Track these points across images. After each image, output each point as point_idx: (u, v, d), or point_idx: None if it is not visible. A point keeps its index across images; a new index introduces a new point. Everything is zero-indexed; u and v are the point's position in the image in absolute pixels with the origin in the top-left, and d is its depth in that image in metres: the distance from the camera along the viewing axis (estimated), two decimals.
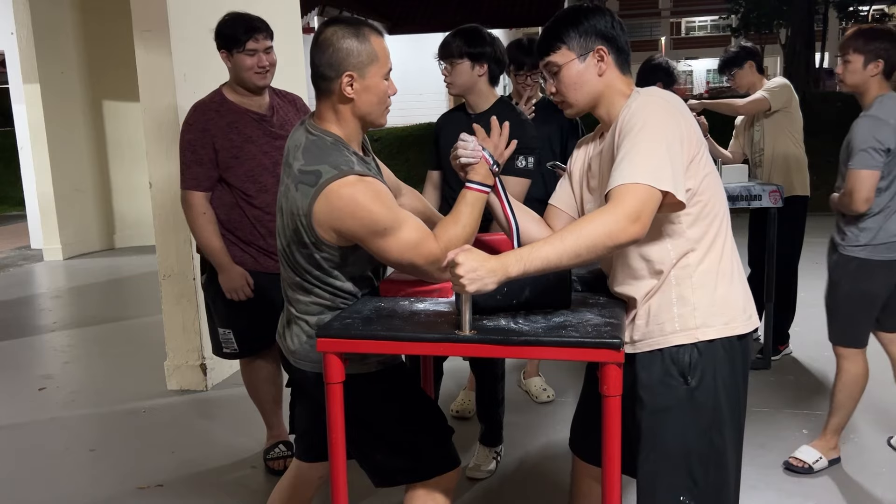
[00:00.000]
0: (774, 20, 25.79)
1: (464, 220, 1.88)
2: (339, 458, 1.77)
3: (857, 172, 2.81)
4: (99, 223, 8.64)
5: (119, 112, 8.61)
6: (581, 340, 1.59)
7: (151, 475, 3.24)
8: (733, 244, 1.88)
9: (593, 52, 1.81)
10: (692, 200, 1.75)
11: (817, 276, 5.97)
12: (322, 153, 1.83)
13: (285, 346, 2.04)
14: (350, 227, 1.79)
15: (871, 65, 2.85)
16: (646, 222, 1.62)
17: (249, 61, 2.93)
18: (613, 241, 1.60)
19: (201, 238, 3.02)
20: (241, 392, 3.47)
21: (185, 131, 3.02)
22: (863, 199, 2.82)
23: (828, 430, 3.07)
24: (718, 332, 1.80)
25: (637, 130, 1.68)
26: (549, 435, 3.43)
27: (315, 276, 1.90)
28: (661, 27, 46.62)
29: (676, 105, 1.76)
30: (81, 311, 6.16)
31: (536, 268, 1.60)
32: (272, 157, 3.03)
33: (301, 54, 5.14)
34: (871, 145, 2.79)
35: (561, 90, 1.86)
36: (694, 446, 1.80)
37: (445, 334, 1.66)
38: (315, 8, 15.02)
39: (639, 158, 1.64)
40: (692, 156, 1.73)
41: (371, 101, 1.88)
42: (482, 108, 2.93)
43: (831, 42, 30.49)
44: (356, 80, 1.83)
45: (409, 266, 1.85)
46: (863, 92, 2.91)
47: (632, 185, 1.62)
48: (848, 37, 2.95)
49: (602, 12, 1.84)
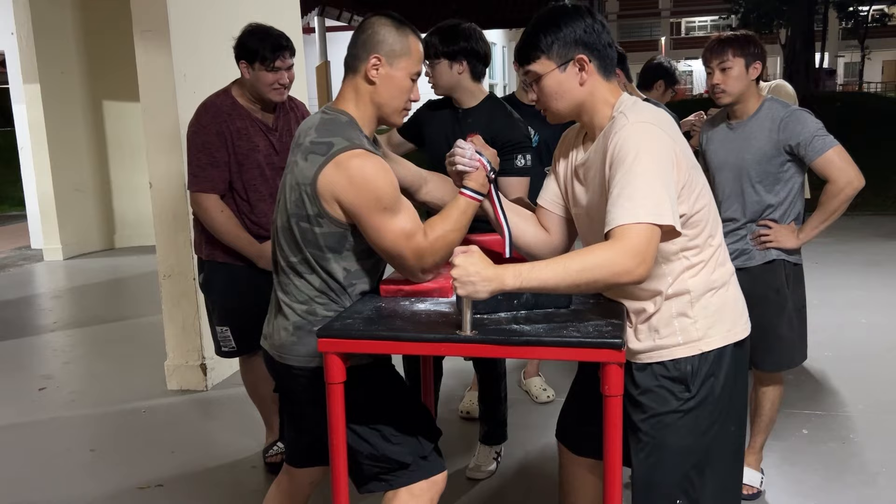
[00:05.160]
0: (774, 20, 25.78)
1: (453, 224, 1.88)
2: (340, 459, 1.77)
3: (831, 152, 2.59)
4: (99, 223, 8.63)
5: (119, 112, 8.60)
6: (582, 340, 1.59)
7: (151, 475, 3.24)
8: (725, 248, 1.88)
9: (573, 62, 1.75)
10: (686, 223, 1.73)
11: (817, 277, 6.00)
12: (336, 128, 1.86)
13: (271, 342, 2.02)
14: (353, 199, 1.80)
15: (751, 68, 2.67)
16: (650, 263, 1.60)
17: (271, 78, 2.92)
18: (616, 280, 1.59)
19: (227, 235, 3.00)
20: (241, 392, 3.47)
21: (198, 133, 2.99)
22: (855, 171, 2.62)
23: (757, 447, 2.94)
24: (721, 340, 1.81)
25: (630, 162, 1.62)
26: (549, 435, 3.41)
27: (310, 256, 1.89)
28: (661, 27, 46.64)
29: (665, 126, 1.70)
30: (81, 311, 6.16)
31: (532, 287, 1.59)
32: (272, 168, 3.05)
33: (301, 55, 5.14)
34: (820, 127, 2.63)
35: (542, 99, 1.82)
36: (692, 451, 1.80)
37: (447, 334, 1.66)
38: (315, 8, 15.01)
39: (638, 195, 1.59)
40: (683, 181, 1.70)
41: (391, 92, 1.90)
42: (470, 104, 2.88)
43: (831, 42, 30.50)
44: (383, 66, 1.88)
45: (397, 256, 1.86)
46: (745, 99, 2.71)
47: (634, 225, 1.58)
48: (715, 46, 2.70)
49: (580, 15, 1.76)
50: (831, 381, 4.00)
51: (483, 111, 2.86)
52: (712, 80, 2.71)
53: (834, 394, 3.84)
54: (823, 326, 4.86)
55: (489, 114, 2.85)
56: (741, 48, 2.66)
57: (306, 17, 13.81)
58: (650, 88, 4.11)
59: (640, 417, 1.83)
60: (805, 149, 2.62)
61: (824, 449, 3.26)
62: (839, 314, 5.11)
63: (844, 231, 7.74)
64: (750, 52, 2.66)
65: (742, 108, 2.74)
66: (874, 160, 10.79)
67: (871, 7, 29.02)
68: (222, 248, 3.07)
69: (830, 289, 5.70)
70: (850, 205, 2.74)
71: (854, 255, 6.69)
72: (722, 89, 2.68)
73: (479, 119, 2.84)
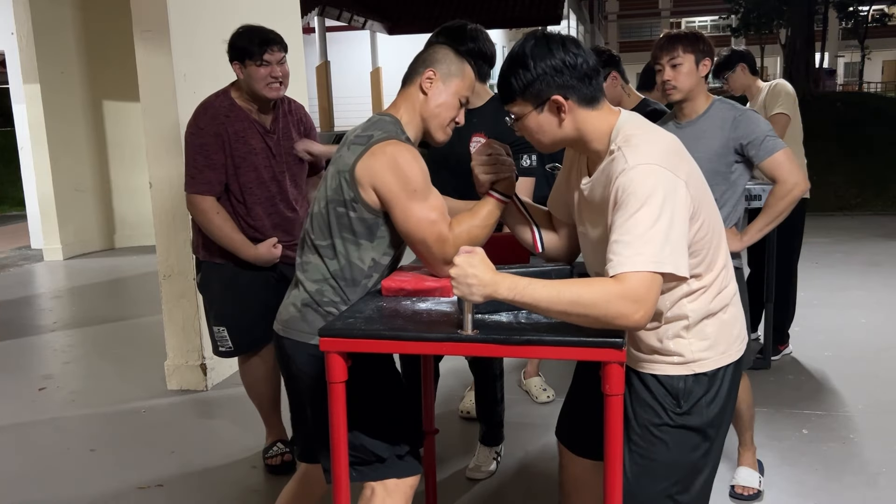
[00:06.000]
0: (774, 20, 25.76)
1: (480, 221, 1.97)
2: (340, 458, 1.77)
3: (780, 154, 2.61)
4: (99, 223, 8.64)
5: (119, 112, 8.61)
6: (583, 340, 1.59)
7: (151, 475, 3.24)
8: (730, 266, 1.85)
9: (549, 103, 1.68)
10: (690, 256, 1.66)
11: (817, 277, 6.01)
12: (380, 124, 1.99)
13: (279, 318, 2.08)
14: (385, 181, 1.89)
15: (701, 65, 2.66)
16: (650, 310, 1.55)
17: (263, 72, 2.92)
18: (612, 322, 1.54)
19: (222, 236, 3.01)
20: (241, 392, 3.47)
21: (196, 134, 2.99)
22: (803, 174, 2.64)
23: (747, 443, 2.94)
24: (716, 362, 1.80)
25: (634, 209, 1.56)
26: (549, 435, 3.42)
27: (338, 242, 1.96)
28: (661, 27, 46.61)
29: (669, 158, 1.63)
30: (81, 311, 6.16)
31: (525, 303, 1.58)
32: (270, 172, 3.06)
33: (301, 55, 5.14)
34: (770, 129, 2.64)
35: (525, 135, 1.79)
36: (680, 462, 1.81)
37: (448, 334, 1.66)
38: (315, 8, 15.01)
39: (639, 244, 1.54)
40: (688, 216, 1.64)
41: (439, 108, 2.01)
42: (475, 105, 2.89)
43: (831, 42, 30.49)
44: (436, 81, 2.01)
45: (420, 241, 1.93)
46: (695, 97, 2.69)
47: (634, 273, 1.54)
48: (665, 43, 2.71)
49: (548, 48, 1.67)
50: (831, 381, 4.00)
51: (488, 112, 2.87)
52: (663, 77, 2.71)
53: (834, 394, 3.84)
54: (823, 326, 4.86)
55: (494, 114, 2.86)
56: (691, 45, 2.67)
57: (306, 17, 13.80)
58: (651, 90, 4.12)
59: (632, 425, 1.84)
60: (756, 148, 2.62)
61: (824, 449, 3.26)
62: (839, 314, 5.11)
63: (844, 231, 7.74)
64: (699, 49, 2.67)
65: (691, 106, 2.73)
66: (874, 160, 10.81)
67: (871, 7, 28.99)
68: (219, 249, 3.07)
69: (830, 289, 5.71)
70: (850, 205, 2.73)
71: (854, 255, 6.66)
72: (672, 85, 2.69)
73: (484, 120, 2.86)
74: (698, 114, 2.72)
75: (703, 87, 2.72)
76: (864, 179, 9.92)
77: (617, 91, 3.64)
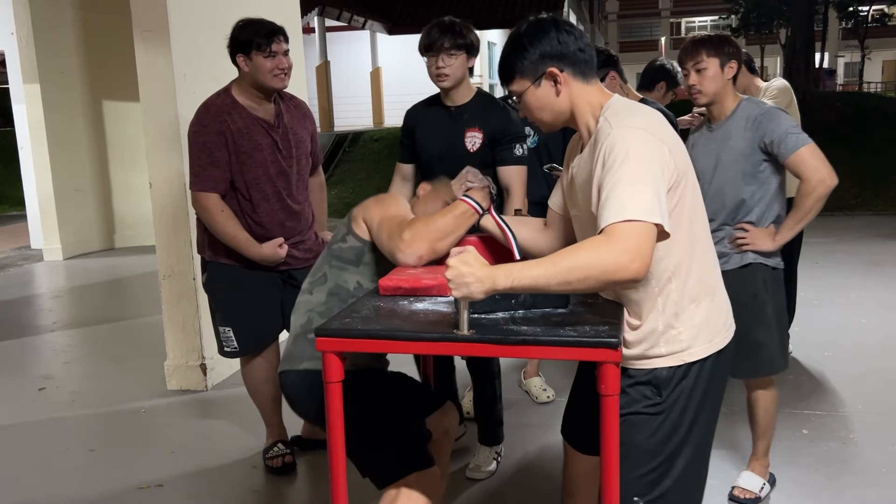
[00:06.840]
0: (774, 20, 25.74)
1: (440, 223, 2.05)
2: (339, 458, 1.77)
3: (803, 150, 2.56)
4: (99, 223, 8.64)
5: (119, 112, 8.61)
6: (579, 340, 1.59)
7: (151, 475, 3.24)
8: (713, 254, 1.87)
9: (545, 75, 1.77)
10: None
11: (817, 277, 6.00)
12: None
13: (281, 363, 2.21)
14: (369, 207, 2.16)
15: (727, 67, 2.66)
16: (646, 260, 1.55)
17: (270, 63, 2.92)
18: (610, 277, 1.55)
19: (226, 234, 3.01)
20: (241, 392, 3.47)
21: (199, 133, 2.99)
22: (828, 169, 2.57)
23: (759, 452, 2.91)
24: (704, 351, 1.81)
25: (619, 164, 1.61)
26: (549, 435, 3.43)
27: (328, 271, 2.17)
28: (661, 27, 46.61)
29: (655, 127, 1.70)
30: (81, 311, 6.16)
31: (524, 286, 1.58)
32: (277, 167, 3.05)
33: (301, 54, 5.14)
34: (794, 125, 2.61)
35: (528, 114, 1.86)
36: (655, 454, 1.81)
37: (444, 333, 1.66)
38: (315, 8, 15.02)
39: (626, 195, 1.58)
40: (670, 184, 1.68)
41: None
42: (462, 100, 2.92)
43: (831, 42, 30.47)
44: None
45: (381, 230, 2.10)
46: (722, 100, 2.70)
47: (624, 223, 1.55)
48: (689, 47, 2.70)
49: (544, 29, 1.78)
50: (831, 381, 4.00)
51: (477, 106, 2.92)
52: (688, 81, 2.72)
53: (834, 394, 3.84)
54: (823, 326, 4.86)
55: (483, 108, 2.91)
56: (715, 48, 2.66)
57: (306, 17, 13.81)
58: (652, 90, 4.11)
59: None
60: (778, 146, 2.60)
61: (824, 449, 3.26)
62: (839, 314, 5.11)
63: (845, 231, 7.75)
64: (724, 52, 2.66)
65: (719, 108, 2.73)
66: (874, 160, 10.80)
67: (871, 7, 28.96)
68: (225, 249, 3.07)
69: (830, 289, 5.71)
70: (850, 205, 2.73)
71: (854, 255, 6.67)
72: (698, 90, 2.69)
73: (474, 115, 2.89)
74: (726, 115, 2.72)
75: (731, 89, 2.71)
76: (865, 179, 9.91)
77: (615, 91, 3.64)
